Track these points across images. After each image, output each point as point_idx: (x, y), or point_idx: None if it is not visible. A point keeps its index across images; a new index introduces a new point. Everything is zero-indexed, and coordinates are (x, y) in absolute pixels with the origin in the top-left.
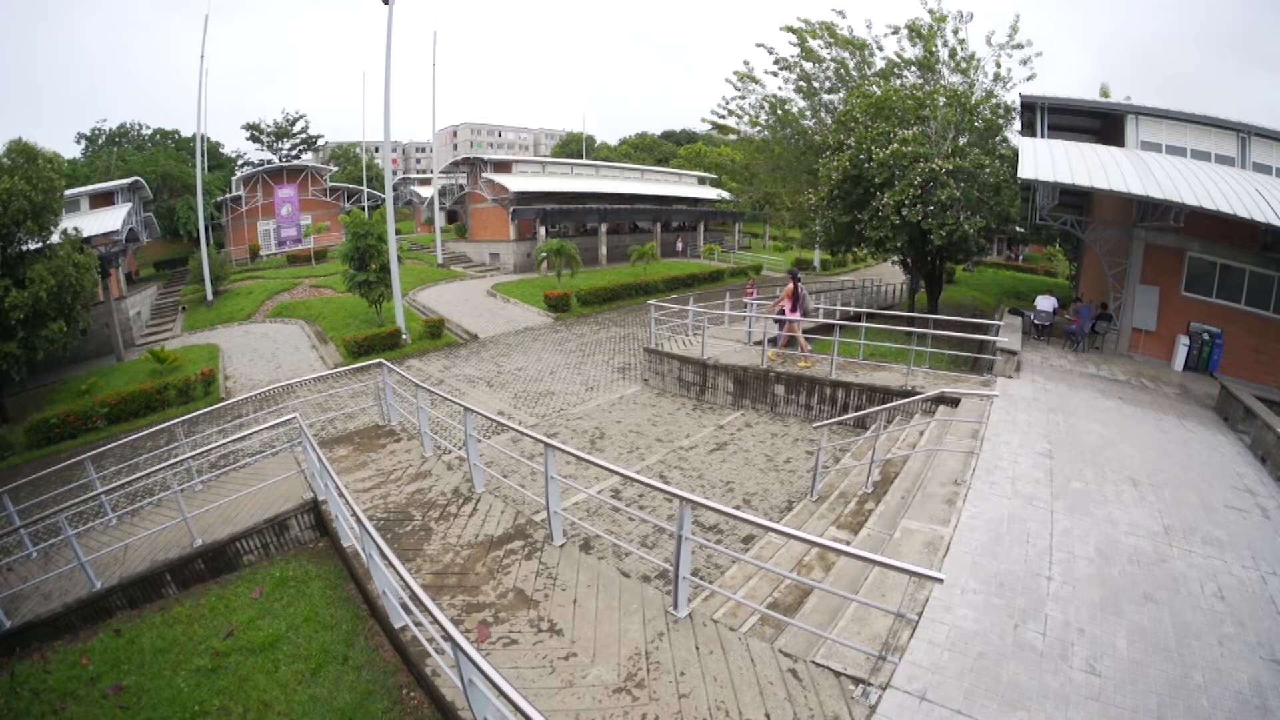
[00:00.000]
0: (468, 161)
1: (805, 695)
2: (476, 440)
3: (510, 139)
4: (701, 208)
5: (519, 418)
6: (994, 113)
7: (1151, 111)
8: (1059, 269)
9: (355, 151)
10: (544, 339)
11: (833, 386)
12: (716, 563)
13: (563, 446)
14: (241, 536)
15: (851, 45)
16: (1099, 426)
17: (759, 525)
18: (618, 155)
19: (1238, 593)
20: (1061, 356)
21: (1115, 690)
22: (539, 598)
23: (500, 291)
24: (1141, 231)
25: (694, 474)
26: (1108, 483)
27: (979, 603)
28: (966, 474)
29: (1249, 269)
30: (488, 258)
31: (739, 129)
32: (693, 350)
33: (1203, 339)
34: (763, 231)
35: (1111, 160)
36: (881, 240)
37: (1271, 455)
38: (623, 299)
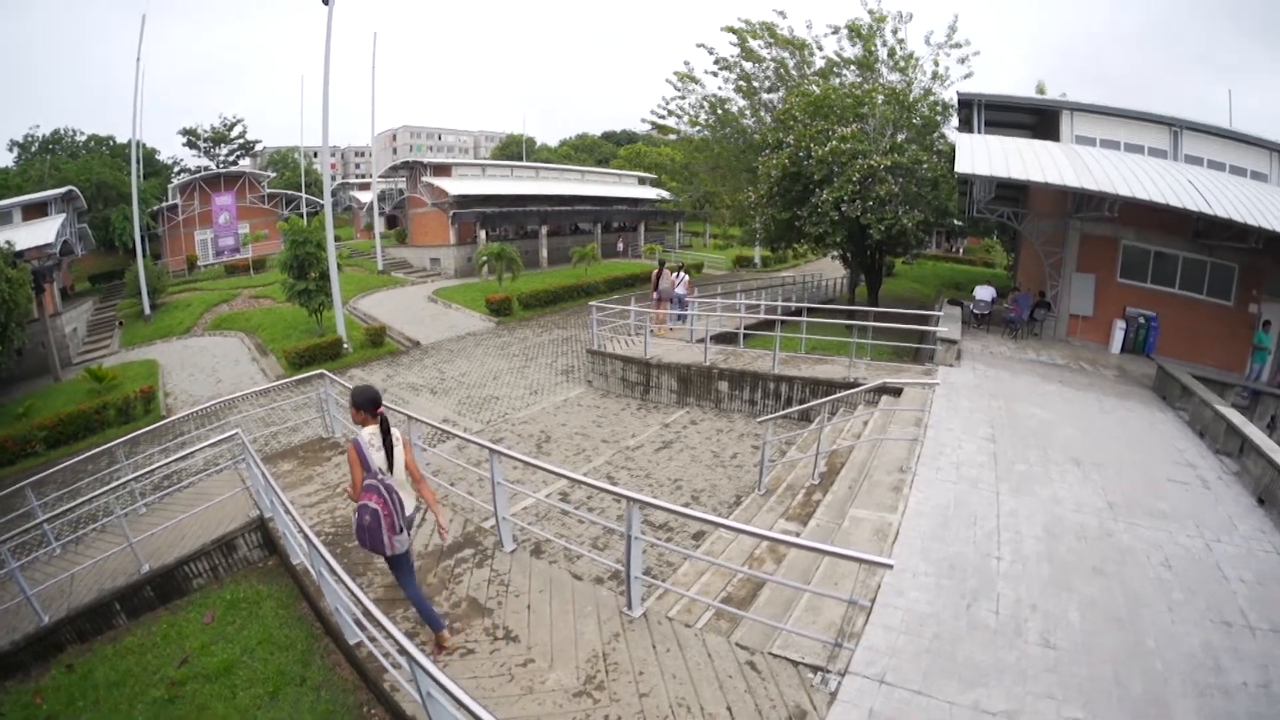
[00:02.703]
0: (407, 165)
1: (765, 686)
2: (421, 449)
3: (450, 142)
4: (642, 208)
5: (464, 424)
6: (932, 110)
7: (1086, 107)
8: (997, 260)
9: (294, 157)
10: (486, 344)
11: (776, 381)
12: (669, 560)
13: (508, 452)
14: (189, 559)
15: (791, 45)
16: (1040, 410)
17: (708, 521)
18: (558, 157)
19: (1184, 561)
20: (1001, 344)
21: (1071, 661)
22: (493, 605)
23: (441, 297)
24: (1077, 222)
25: (641, 473)
26: (1051, 463)
27: (931, 585)
28: (912, 461)
29: (1182, 255)
30: (428, 263)
31: (679, 129)
32: (635, 350)
33: (1139, 323)
34: (703, 230)
35: (1047, 154)
36: (821, 236)
37: (1210, 430)
38: (565, 301)
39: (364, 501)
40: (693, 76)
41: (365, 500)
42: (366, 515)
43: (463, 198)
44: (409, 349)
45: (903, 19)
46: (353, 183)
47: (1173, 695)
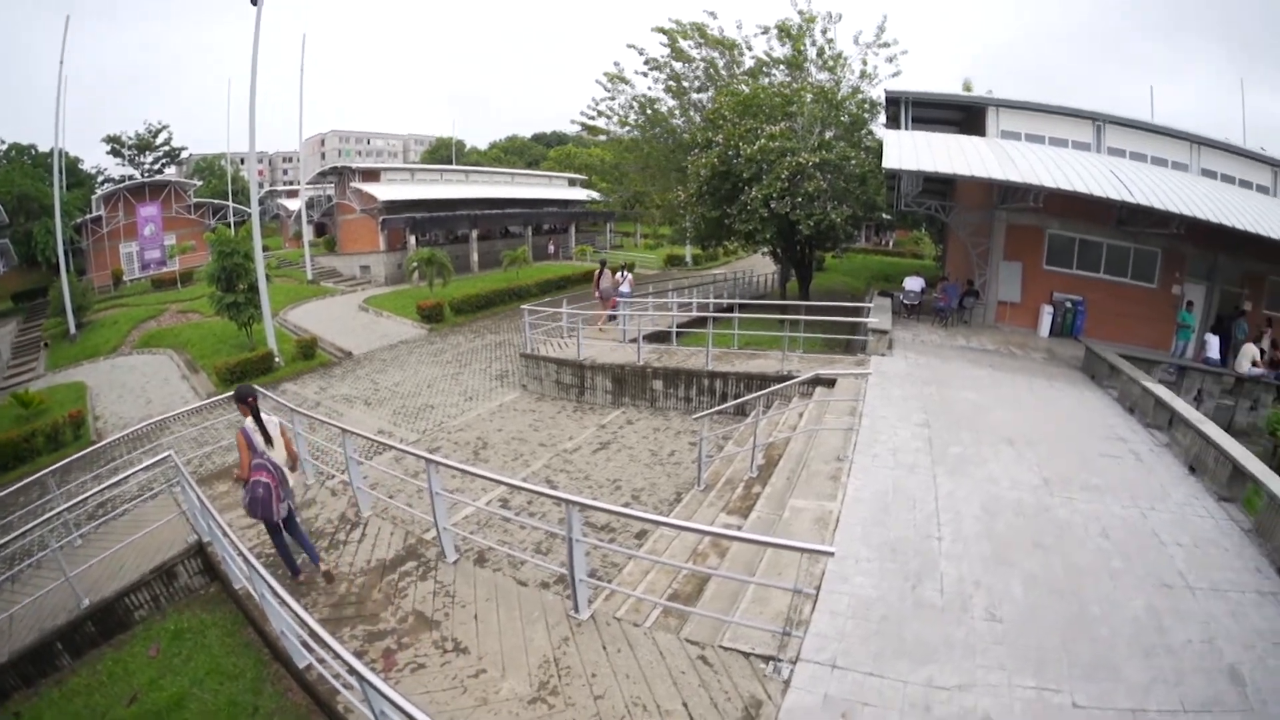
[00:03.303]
0: (335, 171)
1: (718, 679)
2: (358, 463)
3: (379, 146)
4: (573, 209)
5: (400, 435)
6: (860, 108)
7: (1011, 103)
8: (925, 251)
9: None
10: (419, 351)
11: (710, 377)
12: (613, 561)
13: (445, 461)
14: (129, 591)
15: (722, 45)
16: (973, 394)
17: (650, 520)
18: (488, 159)
19: (1121, 530)
20: (932, 332)
21: (1018, 633)
22: (440, 618)
23: (373, 305)
24: (1003, 213)
25: (580, 475)
26: (985, 445)
27: (874, 569)
28: (848, 450)
29: (1106, 242)
30: (358, 271)
31: (609, 129)
32: (569, 352)
33: (1065, 307)
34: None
35: (973, 149)
36: (751, 233)
37: (1139, 405)
38: (497, 305)
39: (255, 478)
40: (623, 77)
41: (256, 477)
42: (259, 489)
43: (392, 203)
44: (341, 360)
45: (832, 19)
46: (281, 190)
47: (1120, 658)
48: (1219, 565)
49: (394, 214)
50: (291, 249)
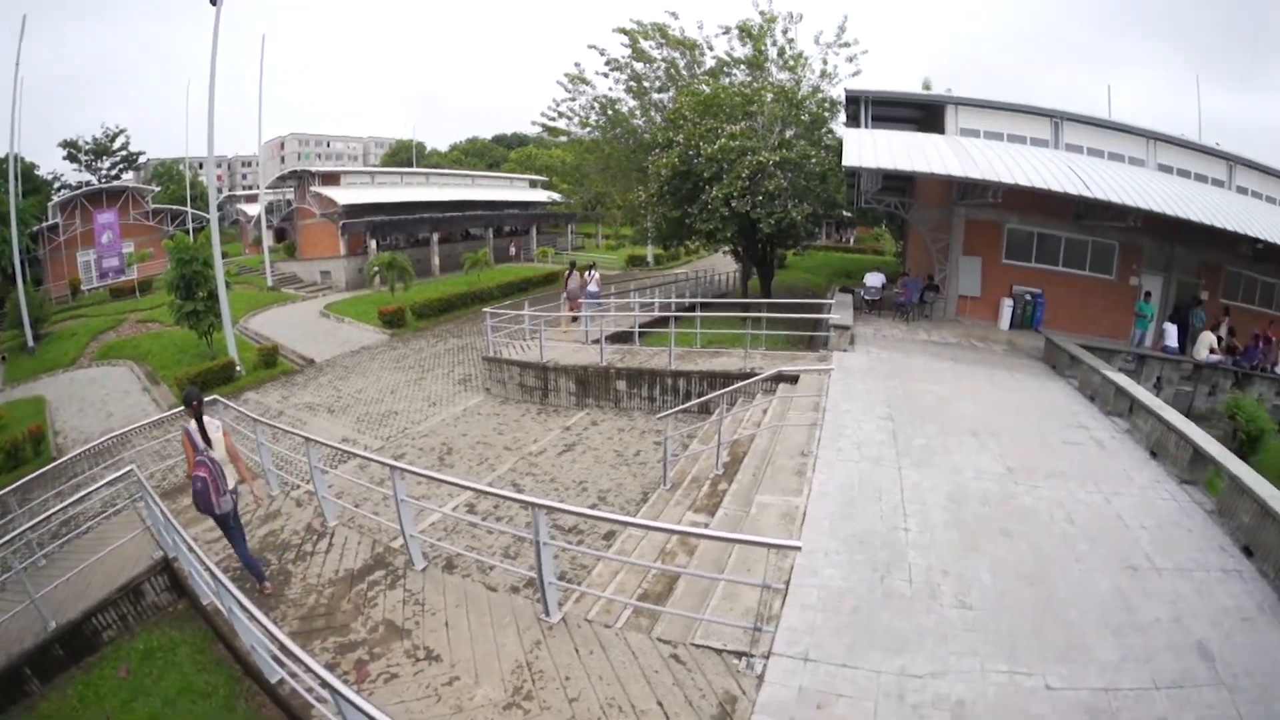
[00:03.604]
0: (295, 175)
1: (692, 677)
2: (323, 472)
3: (339, 149)
4: (534, 211)
5: (364, 442)
6: (820, 106)
7: (970, 101)
8: (886, 247)
9: (178, 169)
10: (382, 357)
11: (673, 376)
12: (582, 563)
13: (410, 468)
14: (96, 611)
15: (683, 45)
16: (935, 386)
17: (617, 521)
18: (448, 161)
19: (1086, 515)
20: (893, 327)
21: (989, 619)
22: (410, 626)
23: (334, 311)
24: (962, 209)
25: (546, 478)
26: (949, 436)
27: (843, 562)
28: (813, 445)
29: (1064, 236)
30: (319, 276)
31: (570, 130)
32: (532, 355)
33: (1025, 300)
34: (595, 231)
35: (932, 146)
36: (712, 232)
37: (1099, 393)
38: (458, 309)
39: (196, 474)
40: (583, 78)
41: (197, 472)
42: (199, 483)
43: (352, 207)
44: (303, 367)
45: (793, 19)
46: (239, 195)
47: (1091, 638)
48: (1183, 546)
49: (354, 218)
50: (251, 255)
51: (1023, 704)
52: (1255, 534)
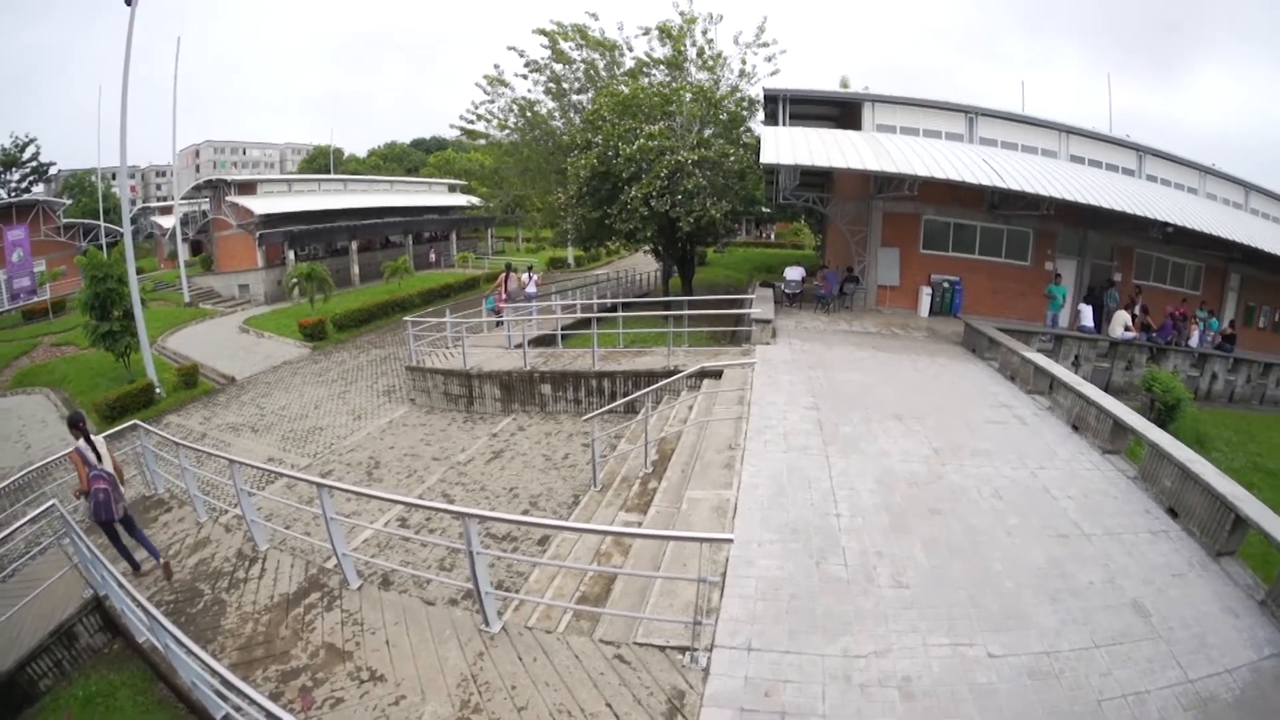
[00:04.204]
0: (210, 185)
1: (638, 676)
2: (250, 494)
3: (255, 156)
4: (453, 215)
5: (290, 461)
6: (738, 106)
7: (886, 98)
8: (806, 241)
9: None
10: (304, 372)
11: (598, 377)
12: (518, 571)
13: (338, 484)
14: (29, 660)
15: (603, 46)
16: (858, 375)
17: (550, 526)
18: (367, 167)
19: (1013, 490)
20: (815, 319)
21: (925, 596)
22: (351, 648)
23: (253, 326)
24: (880, 202)
25: (476, 487)
26: (875, 422)
27: (778, 551)
28: (740, 438)
29: (980, 225)
30: (237, 290)
31: (488, 133)
32: (455, 362)
33: (943, 287)
34: (515, 234)
35: (849, 142)
36: (632, 232)
37: (1019, 373)
38: (380, 319)
39: (97, 486)
40: (502, 80)
41: (97, 485)
42: (101, 494)
43: (269, 217)
44: (225, 386)
45: (713, 20)
46: (154, 207)
47: (1028, 606)
48: (1110, 512)
49: (271, 228)
50: (167, 270)
51: (968, 674)
52: (1178, 496)
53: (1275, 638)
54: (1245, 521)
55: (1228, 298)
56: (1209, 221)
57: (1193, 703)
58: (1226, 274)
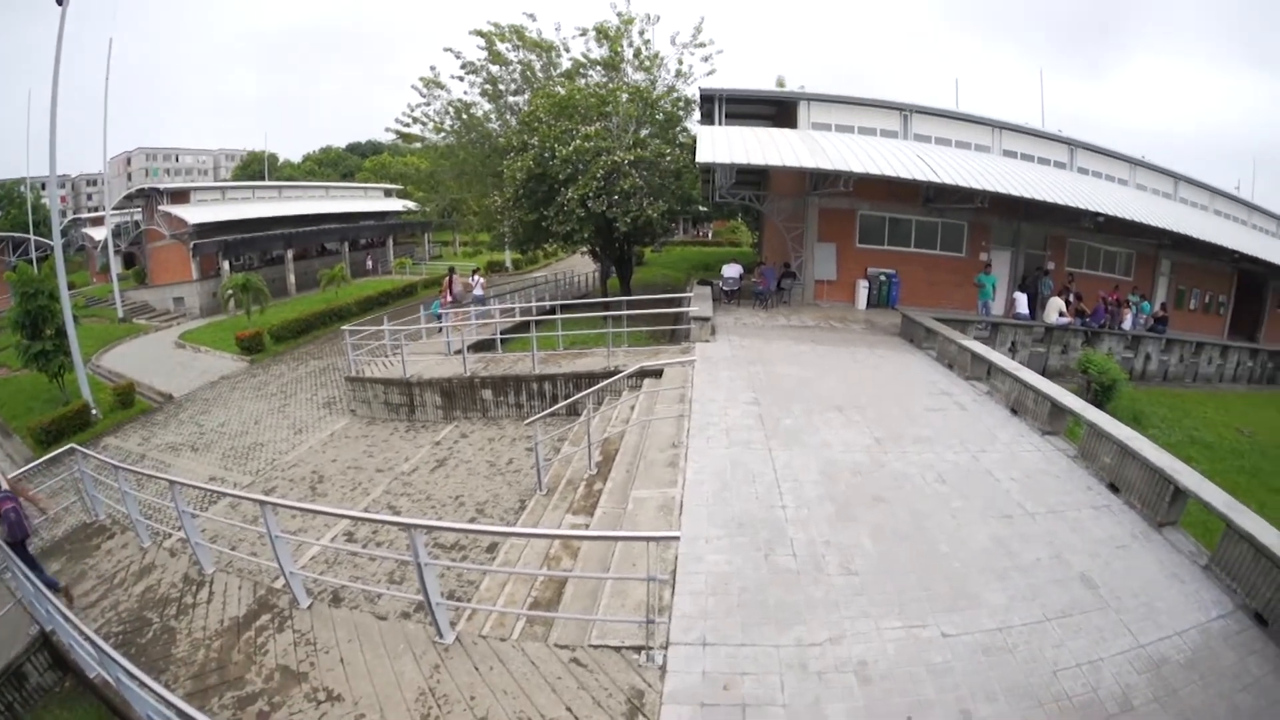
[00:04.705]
0: (142, 193)
1: (596, 678)
2: (193, 516)
3: (189, 163)
4: (390, 221)
5: (232, 479)
6: (675, 106)
7: (822, 97)
8: (743, 239)
9: (19, 190)
10: (242, 386)
11: (539, 380)
12: (469, 579)
13: (281, 501)
14: None
15: (539, 48)
16: (798, 369)
17: (497, 532)
18: (301, 173)
19: (956, 473)
20: (753, 315)
21: (875, 581)
22: (306, 668)
23: (189, 341)
24: (815, 198)
25: (422, 497)
26: (816, 414)
27: (725, 546)
28: (682, 435)
29: (915, 219)
30: (171, 303)
31: (424, 136)
32: (395, 371)
33: (880, 280)
34: (452, 239)
35: (785, 140)
36: (569, 233)
37: (956, 361)
38: (318, 329)
39: (6, 507)
40: (438, 82)
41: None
42: (12, 514)
43: (203, 226)
44: (162, 404)
45: (650, 21)
46: (85, 218)
47: (977, 585)
48: (1052, 490)
49: (205, 238)
50: (100, 284)
51: (922, 654)
52: (1118, 471)
53: (1221, 599)
54: (1184, 492)
55: (1159, 282)
56: (1138, 211)
57: (1146, 666)
58: (1157, 260)
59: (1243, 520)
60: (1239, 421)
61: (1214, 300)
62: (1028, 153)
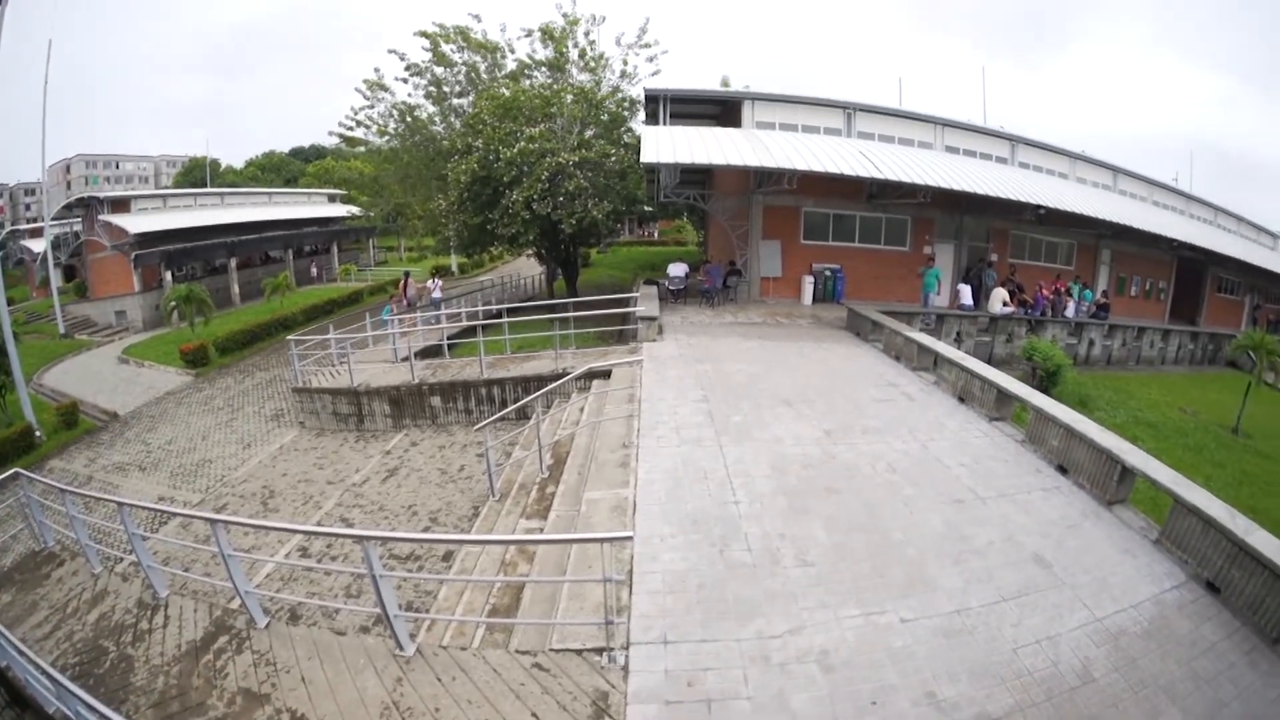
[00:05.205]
0: (82, 203)
1: (559, 682)
2: (143, 538)
3: (129, 170)
4: (334, 227)
5: (182, 498)
6: (619, 106)
7: (766, 96)
8: (689, 238)
9: None
10: (189, 401)
11: (487, 385)
12: (426, 590)
13: (232, 519)
14: None
15: (484, 49)
16: (746, 365)
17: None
18: (244, 179)
19: (906, 462)
20: (700, 313)
21: (831, 571)
22: (268, 690)
23: (133, 356)
24: (760, 196)
25: (374, 508)
26: (765, 409)
27: (680, 543)
28: (633, 435)
29: (860, 215)
30: (114, 317)
31: (368, 140)
32: (342, 380)
33: (825, 276)
34: (398, 244)
35: (729, 140)
36: (514, 236)
37: (903, 353)
38: (263, 339)
39: None
40: (382, 84)
41: None
42: None
43: (144, 236)
44: (107, 423)
45: (596, 21)
46: (23, 229)
47: (933, 570)
48: (1002, 474)
49: (147, 248)
50: (40, 299)
51: (883, 640)
52: (1066, 453)
53: (1173, 571)
54: (1131, 471)
55: (1100, 271)
56: (1078, 203)
57: (1104, 638)
58: (1098, 249)
59: (1190, 494)
60: (1182, 401)
61: (1154, 286)
62: (970, 149)
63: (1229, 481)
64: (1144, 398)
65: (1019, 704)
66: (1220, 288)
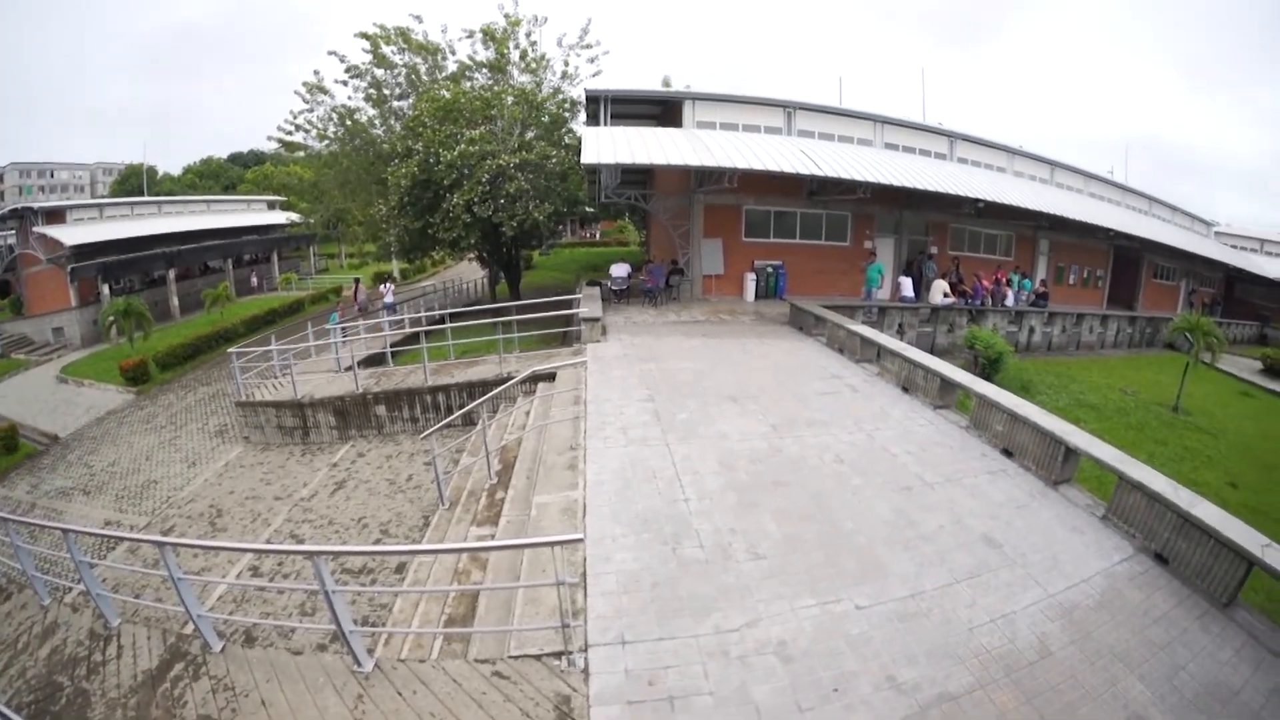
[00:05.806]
0: (16, 214)
1: (520, 689)
2: (91, 565)
3: (65, 179)
4: (274, 235)
5: (128, 521)
6: (560, 107)
7: (706, 96)
8: (631, 238)
9: None
10: (130, 420)
11: (432, 392)
12: (381, 603)
13: (180, 541)
14: None
15: (425, 50)
16: (690, 363)
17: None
18: (182, 186)
19: (853, 452)
20: (643, 313)
21: (784, 563)
22: (228, 715)
23: (72, 374)
24: (701, 195)
25: (324, 522)
26: (711, 406)
27: (632, 543)
28: (580, 437)
29: (800, 211)
30: (51, 334)
31: (307, 144)
32: (285, 392)
33: (767, 272)
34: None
35: (670, 140)
36: (455, 240)
37: (846, 346)
38: (205, 352)
39: None
40: (322, 87)
41: None
42: None
43: (80, 248)
44: (48, 446)
45: (537, 22)
46: None
47: (884, 557)
48: (948, 460)
49: (84, 260)
50: None
51: (840, 628)
52: (1011, 437)
53: (1121, 545)
54: (1075, 451)
55: (1039, 261)
56: (1015, 196)
57: (1058, 613)
58: (1036, 240)
59: (1134, 471)
60: (1123, 383)
61: (1092, 275)
62: (909, 145)
63: (1171, 457)
64: (1085, 381)
65: (979, 681)
66: (1156, 274)
